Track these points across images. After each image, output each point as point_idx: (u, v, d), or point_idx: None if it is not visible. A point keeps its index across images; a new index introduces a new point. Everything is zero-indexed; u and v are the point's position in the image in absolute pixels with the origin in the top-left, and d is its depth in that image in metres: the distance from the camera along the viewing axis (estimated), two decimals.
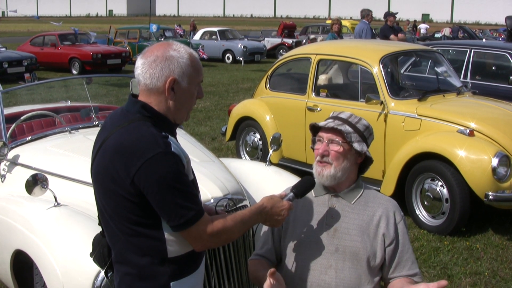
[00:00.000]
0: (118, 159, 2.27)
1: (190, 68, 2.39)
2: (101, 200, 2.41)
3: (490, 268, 5.47)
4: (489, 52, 10.48)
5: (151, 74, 2.34)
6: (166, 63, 2.34)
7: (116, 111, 2.47)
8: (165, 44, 2.41)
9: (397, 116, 6.59)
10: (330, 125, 2.73)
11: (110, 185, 2.31)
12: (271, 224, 2.63)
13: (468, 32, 28.10)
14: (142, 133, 2.28)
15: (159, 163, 2.23)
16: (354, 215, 2.74)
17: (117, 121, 2.37)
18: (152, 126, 2.32)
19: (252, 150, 8.54)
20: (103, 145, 2.35)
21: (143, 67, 2.35)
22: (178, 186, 2.26)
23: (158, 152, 2.24)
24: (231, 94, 16.56)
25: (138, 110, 2.35)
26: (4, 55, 19.52)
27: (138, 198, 2.27)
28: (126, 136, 2.29)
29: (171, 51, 2.36)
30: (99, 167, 2.36)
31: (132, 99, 2.42)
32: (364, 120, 2.82)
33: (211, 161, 4.45)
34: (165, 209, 2.27)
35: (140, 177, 2.23)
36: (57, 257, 3.52)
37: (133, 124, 2.31)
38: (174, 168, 2.27)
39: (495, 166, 5.77)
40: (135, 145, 2.25)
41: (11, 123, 5.18)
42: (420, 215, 6.37)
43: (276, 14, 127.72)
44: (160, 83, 2.34)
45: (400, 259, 2.73)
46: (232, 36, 29.41)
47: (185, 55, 2.38)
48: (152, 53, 2.37)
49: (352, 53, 7.45)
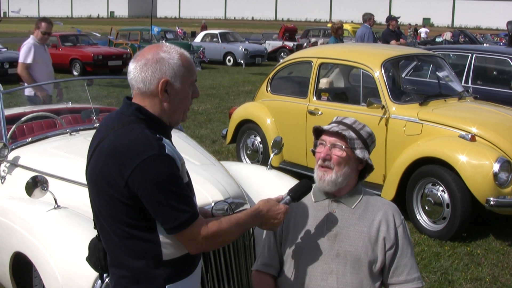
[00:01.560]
0: (112, 162, 2.26)
1: (182, 68, 2.37)
2: (96, 203, 2.40)
3: (491, 273, 5.46)
4: (490, 57, 10.48)
5: (143, 78, 2.33)
6: (157, 65, 2.33)
7: (111, 114, 2.46)
8: (156, 46, 2.40)
9: (399, 120, 6.58)
10: (334, 129, 2.72)
11: (104, 187, 2.31)
12: (267, 227, 2.61)
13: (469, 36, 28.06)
14: (136, 135, 2.27)
15: (153, 165, 2.22)
16: (354, 220, 2.73)
17: (112, 124, 2.37)
18: (146, 128, 2.31)
19: (253, 153, 8.53)
20: (98, 147, 2.35)
21: (135, 71, 2.35)
22: (172, 188, 2.26)
23: (152, 154, 2.23)
24: (231, 97, 16.56)
25: (132, 113, 2.35)
26: (5, 56, 19.54)
27: (132, 200, 2.26)
28: (120, 138, 2.28)
29: (161, 53, 2.35)
30: (94, 170, 2.36)
31: (127, 102, 2.41)
32: (367, 127, 2.80)
33: (212, 164, 4.43)
34: (159, 212, 2.26)
35: (134, 179, 2.22)
36: (56, 259, 3.51)
37: (127, 126, 2.31)
38: (168, 170, 2.26)
39: (496, 172, 5.76)
40: (129, 147, 2.25)
41: (11, 124, 5.17)
42: (420, 220, 6.35)
43: (277, 17, 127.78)
44: (153, 86, 2.33)
45: (399, 263, 2.71)
46: (233, 39, 29.40)
47: (175, 55, 2.37)
48: (142, 57, 2.36)
49: (354, 57, 7.45)
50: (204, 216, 2.42)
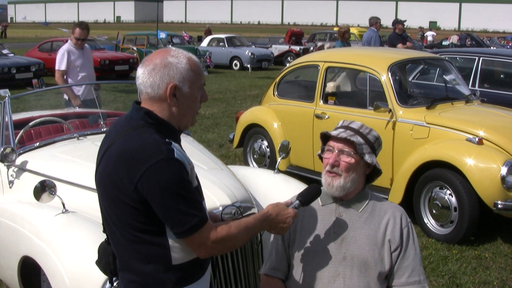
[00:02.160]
0: (122, 166, 2.27)
1: (190, 73, 2.38)
2: (105, 207, 2.41)
3: (499, 277, 5.44)
4: (497, 60, 10.45)
5: (151, 83, 2.34)
6: (165, 70, 2.34)
7: (120, 118, 2.47)
8: (163, 51, 2.41)
9: (406, 124, 6.57)
10: (342, 136, 2.71)
11: (113, 191, 2.31)
12: (276, 231, 2.61)
13: (475, 39, 28.03)
14: (145, 140, 2.28)
15: (162, 170, 2.23)
16: (361, 223, 2.73)
17: (121, 128, 2.38)
18: (156, 132, 2.32)
19: (260, 157, 8.53)
20: (107, 152, 2.36)
21: (143, 76, 2.35)
22: (182, 193, 2.26)
23: (161, 158, 2.23)
24: (238, 101, 16.57)
25: (141, 117, 2.35)
26: (12, 61, 19.61)
27: (142, 204, 2.27)
28: (129, 142, 2.29)
29: (169, 57, 2.36)
30: (103, 174, 2.37)
31: (136, 106, 2.42)
32: (374, 131, 2.80)
33: (219, 169, 4.44)
34: (168, 216, 2.26)
35: (143, 183, 2.23)
36: (64, 263, 3.52)
37: (137, 131, 2.32)
38: (178, 174, 2.26)
39: (504, 175, 5.74)
40: (138, 151, 2.25)
41: (19, 129, 5.19)
42: (428, 223, 6.33)
43: (283, 21, 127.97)
44: (161, 91, 2.34)
45: (401, 265, 2.71)
46: (240, 43, 29.45)
47: (183, 60, 2.38)
48: (151, 62, 2.37)
49: (360, 60, 7.44)
50: (213, 221, 2.43)
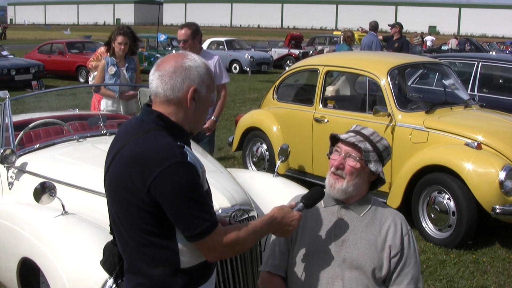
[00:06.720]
0: (134, 169, 2.27)
1: (207, 77, 2.41)
2: (114, 210, 2.41)
3: (497, 281, 5.44)
4: (496, 65, 10.47)
5: (172, 85, 2.34)
6: (186, 73, 2.35)
7: (130, 121, 2.48)
8: (180, 55, 2.43)
9: (405, 128, 6.59)
10: (351, 140, 2.72)
11: (124, 194, 2.31)
12: (281, 234, 2.62)
13: (475, 44, 28.13)
14: (158, 143, 2.28)
15: (176, 173, 2.23)
16: (362, 227, 2.74)
17: (132, 131, 2.37)
18: (168, 136, 2.32)
19: (259, 160, 8.53)
20: (118, 154, 2.35)
21: (163, 79, 2.35)
22: (194, 197, 2.26)
23: (175, 162, 2.24)
24: (237, 104, 16.57)
25: (153, 120, 2.36)
26: (11, 63, 19.61)
27: (153, 208, 2.27)
28: (142, 145, 2.29)
29: (188, 61, 2.38)
30: (113, 177, 2.36)
31: (147, 109, 2.42)
32: (385, 140, 2.80)
33: (218, 172, 4.44)
34: (180, 219, 2.27)
35: (156, 186, 2.23)
36: (64, 265, 3.52)
37: (149, 134, 2.32)
38: (191, 178, 2.27)
39: (502, 180, 5.75)
40: (151, 154, 2.26)
41: (19, 131, 5.20)
42: (426, 227, 6.34)
43: (283, 25, 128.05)
44: (181, 94, 2.35)
45: (400, 272, 2.71)
46: (239, 46, 29.48)
47: (201, 64, 2.41)
48: (169, 64, 2.37)
49: (360, 65, 7.46)
50: (221, 224, 2.44)
